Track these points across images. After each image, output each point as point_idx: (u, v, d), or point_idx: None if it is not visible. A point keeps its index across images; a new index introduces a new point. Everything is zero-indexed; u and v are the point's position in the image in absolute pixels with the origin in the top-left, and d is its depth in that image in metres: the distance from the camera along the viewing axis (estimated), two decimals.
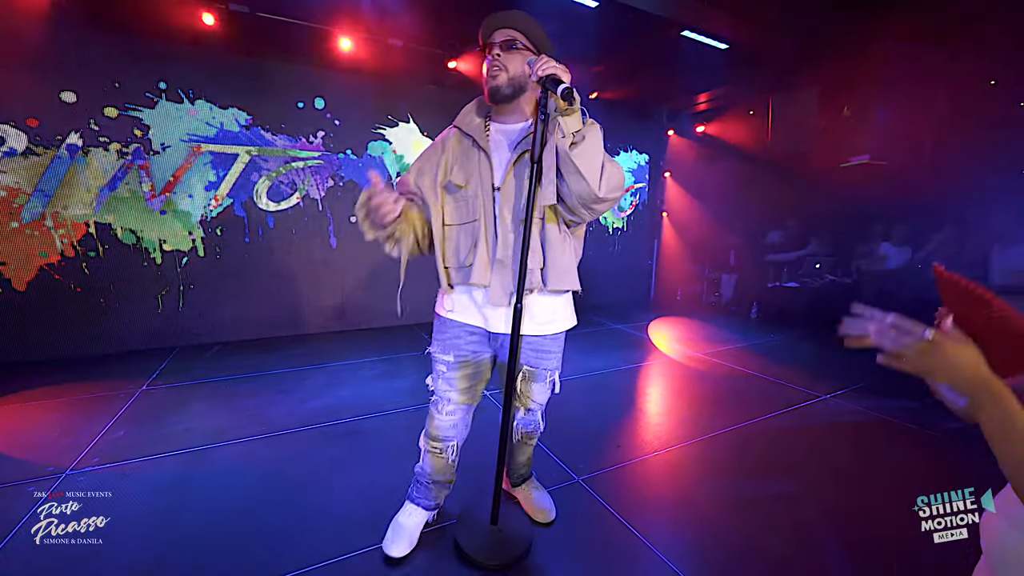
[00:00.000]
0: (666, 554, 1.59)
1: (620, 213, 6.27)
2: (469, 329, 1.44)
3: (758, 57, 4.39)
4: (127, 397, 2.82)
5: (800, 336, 4.55)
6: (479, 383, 1.54)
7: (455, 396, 1.51)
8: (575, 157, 1.19)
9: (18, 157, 3.30)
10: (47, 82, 3.30)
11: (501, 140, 1.39)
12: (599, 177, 1.20)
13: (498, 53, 1.31)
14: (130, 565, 1.48)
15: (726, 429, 2.53)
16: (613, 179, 1.23)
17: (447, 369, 1.48)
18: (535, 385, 1.51)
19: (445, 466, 1.58)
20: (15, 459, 2.10)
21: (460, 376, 1.48)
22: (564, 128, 1.21)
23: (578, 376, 3.39)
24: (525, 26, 1.34)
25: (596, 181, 1.20)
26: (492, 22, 1.34)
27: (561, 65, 1.17)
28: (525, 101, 1.39)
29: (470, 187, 1.36)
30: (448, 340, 1.46)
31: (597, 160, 1.21)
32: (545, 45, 1.38)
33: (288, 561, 1.52)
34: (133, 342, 3.77)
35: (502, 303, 1.35)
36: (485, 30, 1.35)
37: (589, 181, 1.19)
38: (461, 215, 1.37)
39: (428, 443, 1.57)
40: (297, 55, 4.03)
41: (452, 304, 1.45)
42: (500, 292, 1.34)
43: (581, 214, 1.29)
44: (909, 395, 3.07)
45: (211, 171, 3.90)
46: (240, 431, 2.42)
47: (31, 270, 3.43)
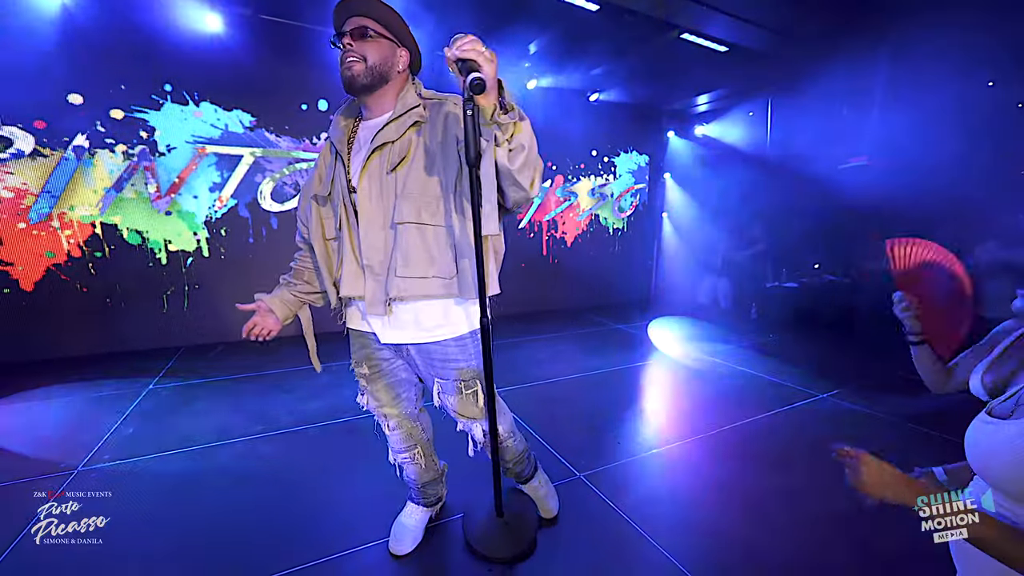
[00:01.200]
0: (667, 548, 1.62)
1: (620, 214, 6.31)
2: (373, 339, 1.37)
3: (757, 59, 4.42)
4: (134, 396, 2.86)
5: (799, 336, 4.57)
6: (410, 389, 1.48)
7: (389, 411, 1.46)
8: (516, 171, 1.06)
9: (25, 159, 3.34)
10: (54, 84, 3.34)
11: (365, 138, 1.26)
12: (534, 181, 1.12)
13: (349, 43, 1.18)
14: (134, 561, 1.52)
15: (726, 427, 2.56)
16: (540, 172, 1.14)
17: (367, 383, 1.43)
18: (451, 399, 1.39)
19: (424, 468, 1.58)
20: (27, 457, 2.14)
21: (382, 388, 1.43)
22: (500, 136, 1.03)
23: (579, 375, 3.42)
24: (379, 13, 1.20)
25: (531, 186, 1.12)
26: (342, 10, 1.20)
27: (488, 51, 0.96)
28: (389, 92, 1.25)
29: (333, 195, 1.28)
30: (359, 351, 1.42)
31: (533, 165, 1.10)
32: (404, 35, 1.26)
33: (295, 556, 1.55)
34: (139, 342, 3.80)
35: (379, 312, 1.24)
36: (336, 20, 1.21)
37: (527, 188, 1.11)
38: (332, 227, 1.30)
39: (397, 457, 1.57)
40: (301, 57, 4.06)
41: (350, 312, 1.41)
42: (374, 302, 1.24)
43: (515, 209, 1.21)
44: (908, 394, 3.10)
45: (216, 172, 3.94)
46: (245, 429, 2.46)
47: (38, 270, 3.47)
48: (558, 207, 5.75)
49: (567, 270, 5.89)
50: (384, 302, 1.24)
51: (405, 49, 1.27)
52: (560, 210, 5.78)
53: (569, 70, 4.90)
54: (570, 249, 5.94)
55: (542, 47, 4.45)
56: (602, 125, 5.79)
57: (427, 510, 1.65)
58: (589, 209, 6.02)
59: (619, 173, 6.19)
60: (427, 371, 1.38)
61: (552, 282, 5.77)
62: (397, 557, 1.55)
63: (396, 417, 1.48)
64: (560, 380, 3.31)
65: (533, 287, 5.62)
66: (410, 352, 1.36)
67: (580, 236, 6.01)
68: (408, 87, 1.29)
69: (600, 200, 6.09)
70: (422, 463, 1.56)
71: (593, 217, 6.09)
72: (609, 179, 6.12)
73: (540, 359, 3.78)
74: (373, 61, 1.19)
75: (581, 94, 5.36)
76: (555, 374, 3.42)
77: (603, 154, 5.99)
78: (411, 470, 1.58)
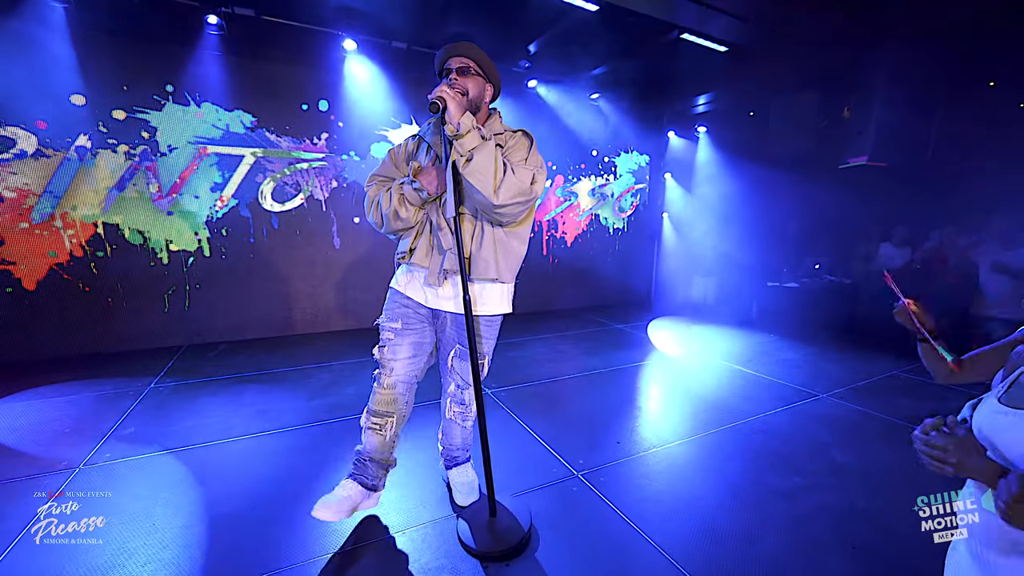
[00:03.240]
0: (664, 546, 1.63)
1: (621, 214, 6.31)
2: (415, 304, 1.64)
3: (757, 59, 4.42)
4: (136, 395, 2.87)
5: (799, 336, 4.57)
6: (423, 356, 1.69)
7: (398, 366, 1.64)
8: (467, 174, 1.39)
9: (28, 159, 3.36)
10: (57, 85, 3.36)
11: None
12: (492, 188, 1.39)
13: (455, 77, 1.53)
14: (133, 559, 1.53)
15: (724, 426, 2.57)
16: (512, 187, 1.41)
17: (394, 336, 1.64)
18: (464, 363, 1.67)
19: (384, 444, 1.66)
20: (28, 455, 2.15)
21: (406, 344, 1.64)
22: (457, 148, 1.39)
23: (578, 374, 3.43)
24: (477, 55, 1.57)
25: (491, 192, 1.39)
26: (450, 51, 1.57)
27: (453, 92, 1.40)
28: (479, 118, 1.60)
29: None
30: (396, 309, 1.65)
31: (489, 174, 1.39)
32: (492, 73, 1.62)
33: (295, 553, 1.56)
34: (141, 341, 3.82)
35: (436, 282, 1.56)
36: (442, 58, 1.59)
37: (485, 193, 1.39)
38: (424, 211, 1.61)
39: (369, 420, 1.66)
40: (301, 58, 4.08)
41: (405, 279, 1.66)
42: (434, 273, 1.57)
43: (494, 217, 1.50)
44: (907, 394, 3.10)
45: (217, 172, 3.96)
46: (246, 428, 2.47)
47: (41, 270, 3.49)
48: (558, 207, 5.76)
49: (567, 270, 5.89)
50: (440, 275, 1.55)
51: (491, 85, 1.62)
52: (560, 210, 5.78)
53: (569, 70, 4.91)
54: (570, 249, 5.94)
55: (542, 47, 4.45)
56: (602, 125, 5.80)
57: (362, 489, 1.62)
58: (589, 209, 6.02)
59: (620, 173, 6.20)
60: (452, 337, 1.66)
61: (552, 282, 5.78)
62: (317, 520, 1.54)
63: (400, 374, 1.64)
64: (560, 380, 3.31)
65: (533, 287, 5.62)
66: (446, 320, 1.64)
67: (580, 236, 6.01)
68: (494, 116, 1.66)
69: (600, 200, 6.09)
70: (386, 436, 1.65)
71: (593, 217, 6.09)
72: (609, 179, 6.12)
73: (540, 359, 3.78)
74: (473, 94, 1.55)
75: (582, 94, 5.36)
76: (555, 374, 3.42)
77: (603, 154, 6.00)
78: (373, 440, 1.65)
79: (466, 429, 1.83)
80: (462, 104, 1.41)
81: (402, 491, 1.90)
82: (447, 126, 1.40)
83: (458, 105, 1.39)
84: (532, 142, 1.62)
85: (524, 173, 1.45)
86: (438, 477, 2.00)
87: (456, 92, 1.41)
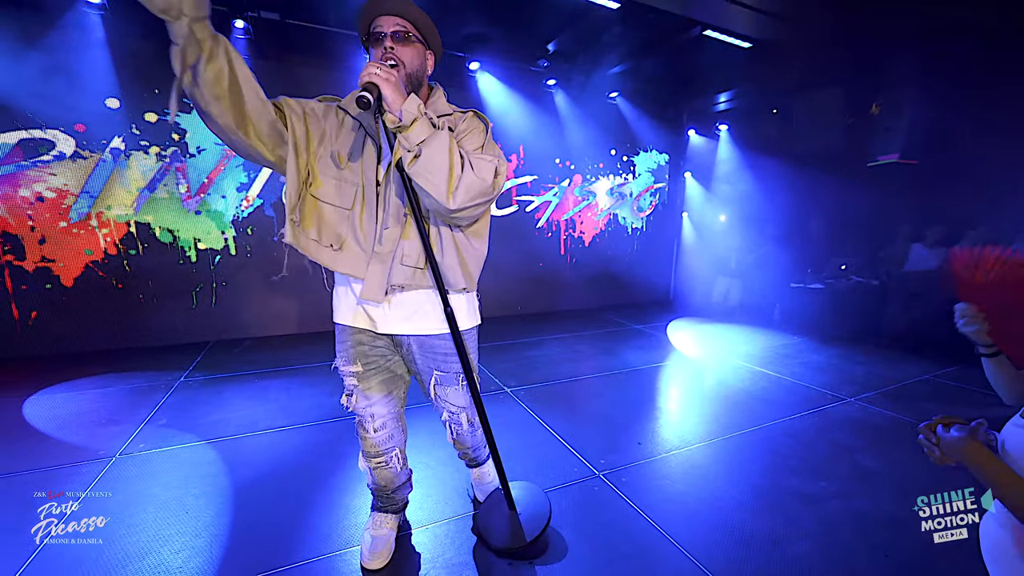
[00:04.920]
0: (685, 547, 1.61)
1: (639, 213, 6.25)
2: (369, 336, 1.36)
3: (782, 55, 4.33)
4: (166, 388, 2.97)
5: (825, 338, 4.46)
6: (397, 386, 1.47)
7: (377, 409, 1.43)
8: (414, 174, 1.09)
9: (67, 160, 3.50)
10: (94, 89, 3.49)
11: None
12: (447, 189, 1.09)
13: (391, 46, 1.16)
14: (171, 545, 1.58)
15: (747, 429, 2.52)
16: (472, 187, 1.11)
17: (358, 381, 1.39)
18: (449, 389, 1.43)
19: (396, 474, 1.52)
20: (68, 443, 2.25)
21: (375, 385, 1.41)
22: (402, 142, 1.08)
23: (597, 375, 3.41)
24: (414, 14, 1.19)
25: (443, 194, 1.09)
26: (377, 7, 1.17)
27: (387, 72, 1.05)
28: (420, 95, 1.28)
29: (349, 170, 1.24)
30: (350, 349, 1.37)
31: (443, 172, 1.08)
32: (434, 38, 1.26)
33: (321, 545, 1.60)
34: (170, 336, 3.95)
35: (377, 298, 1.25)
36: (368, 16, 1.19)
37: (435, 196, 1.09)
38: (339, 199, 1.24)
39: (370, 462, 1.49)
40: (323, 60, 4.15)
41: (344, 303, 1.36)
42: (375, 287, 1.24)
43: (448, 221, 1.22)
44: (939, 400, 3.00)
45: (243, 173, 4.06)
46: (271, 422, 2.53)
47: (78, 267, 3.64)
48: (576, 206, 5.74)
49: (585, 270, 5.87)
50: (384, 290, 1.25)
51: (432, 52, 1.28)
52: (578, 209, 5.76)
53: (588, 69, 4.88)
54: (588, 249, 5.91)
55: (561, 46, 4.45)
56: (621, 124, 5.75)
57: (396, 517, 1.61)
58: (607, 208, 5.98)
59: (638, 172, 6.14)
60: (425, 364, 1.39)
61: (570, 282, 5.76)
62: (372, 571, 1.47)
63: (383, 416, 1.44)
64: (578, 380, 3.30)
65: (551, 287, 5.62)
66: (410, 345, 1.36)
67: (598, 236, 5.98)
68: (437, 93, 1.32)
69: (619, 200, 6.05)
70: (397, 466, 1.51)
71: (611, 216, 6.05)
72: (628, 178, 6.07)
73: (558, 359, 3.78)
74: (411, 68, 1.20)
75: (600, 93, 5.33)
76: (573, 374, 3.41)
77: (622, 153, 5.95)
78: (384, 475, 1.50)
79: (475, 436, 1.62)
80: (399, 85, 1.06)
81: (425, 489, 1.92)
82: (386, 115, 1.07)
83: (394, 88, 1.05)
84: (488, 126, 1.30)
85: (484, 167, 1.13)
86: (458, 474, 2.02)
87: (389, 72, 1.05)
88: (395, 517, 1.60)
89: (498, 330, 4.58)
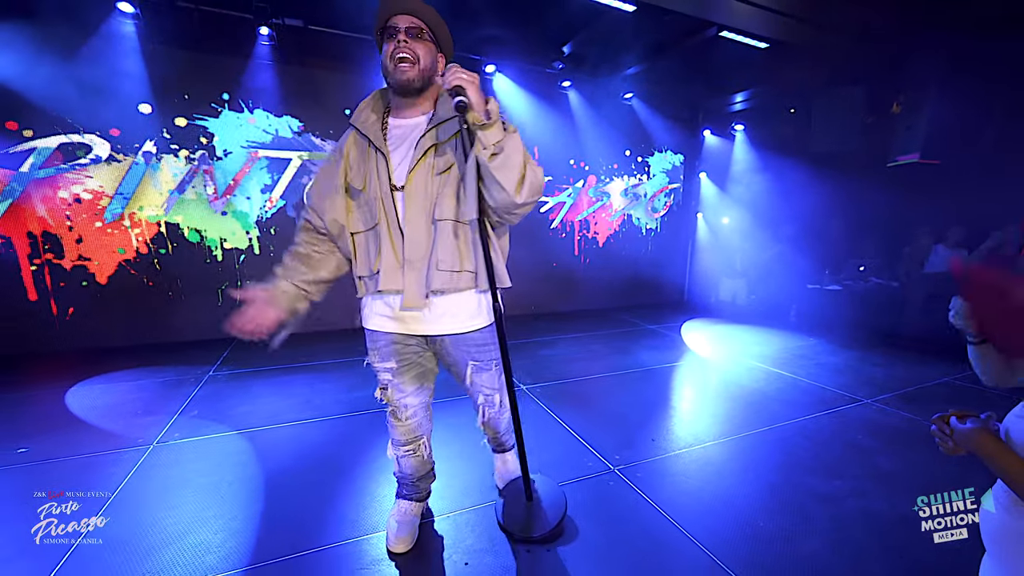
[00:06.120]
0: (700, 540, 1.65)
1: (654, 214, 6.25)
2: (402, 337, 1.42)
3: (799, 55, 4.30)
4: (196, 381, 3.10)
5: (841, 340, 4.42)
6: (428, 378, 1.55)
7: (410, 400, 1.51)
8: (494, 170, 1.17)
9: (102, 163, 3.67)
10: (128, 95, 3.66)
11: (402, 136, 1.32)
12: (517, 185, 1.19)
13: (405, 40, 1.22)
14: (210, 526, 1.68)
15: (762, 428, 2.54)
16: (533, 184, 1.22)
17: (392, 376, 1.47)
18: (485, 375, 1.50)
19: (423, 461, 1.62)
20: (107, 431, 2.38)
21: (408, 379, 1.48)
22: (483, 140, 1.16)
23: (611, 373, 3.45)
24: (431, 17, 1.26)
25: (515, 189, 1.19)
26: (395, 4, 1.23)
27: (471, 75, 1.14)
28: (430, 95, 1.34)
29: (369, 190, 1.31)
30: (384, 348, 1.44)
31: (516, 170, 1.18)
32: (447, 43, 1.33)
33: (346, 530, 1.68)
34: (198, 332, 4.09)
35: (418, 305, 1.30)
36: (386, 11, 1.24)
37: (509, 191, 1.19)
38: (364, 220, 1.34)
39: (400, 450, 1.58)
40: (344, 65, 4.26)
41: (378, 314, 1.42)
42: (415, 295, 1.30)
43: (505, 219, 1.29)
44: (960, 403, 2.97)
45: (267, 175, 4.19)
46: (296, 415, 2.63)
47: (112, 265, 3.81)
48: (590, 207, 5.77)
49: (599, 270, 5.89)
50: (424, 295, 1.30)
51: (443, 56, 1.35)
52: (592, 210, 5.79)
53: (603, 70, 4.92)
54: (602, 249, 5.94)
55: (576, 48, 4.49)
56: (636, 125, 5.77)
57: (420, 505, 1.69)
58: (622, 209, 6.00)
59: (653, 173, 6.15)
60: (460, 356, 1.44)
61: (584, 282, 5.79)
62: (397, 555, 1.55)
63: (415, 406, 1.53)
64: (593, 378, 3.35)
65: (565, 287, 5.66)
66: (444, 343, 1.41)
67: (612, 236, 6.00)
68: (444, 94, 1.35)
69: (633, 200, 6.06)
70: (424, 455, 1.61)
71: (626, 217, 6.07)
72: (643, 179, 6.08)
73: (573, 358, 3.82)
74: (424, 64, 1.25)
75: (615, 94, 5.36)
76: (588, 372, 3.46)
77: (637, 154, 5.96)
78: (410, 464, 1.60)
79: (504, 418, 1.72)
80: (479, 86, 1.15)
81: (447, 479, 1.98)
82: (469, 113, 1.14)
83: (478, 89, 1.14)
84: None
85: (538, 168, 1.25)
86: (480, 464, 2.08)
87: (472, 75, 1.14)
88: (419, 505, 1.68)
89: (512, 329, 4.63)
